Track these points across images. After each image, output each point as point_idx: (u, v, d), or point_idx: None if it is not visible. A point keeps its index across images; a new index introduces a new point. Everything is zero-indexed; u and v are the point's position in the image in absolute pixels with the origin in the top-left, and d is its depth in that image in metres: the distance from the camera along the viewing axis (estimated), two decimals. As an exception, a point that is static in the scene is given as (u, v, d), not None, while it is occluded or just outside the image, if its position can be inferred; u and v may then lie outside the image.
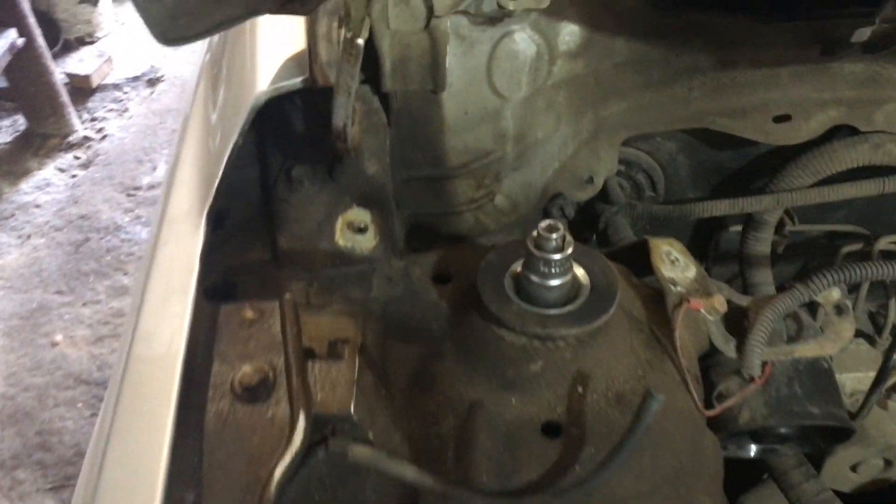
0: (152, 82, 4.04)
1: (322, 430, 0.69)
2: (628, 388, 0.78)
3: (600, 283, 0.80)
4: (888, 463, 1.19)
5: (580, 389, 0.77)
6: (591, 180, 1.14)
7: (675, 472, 0.77)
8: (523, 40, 1.00)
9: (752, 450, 1.03)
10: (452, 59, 0.96)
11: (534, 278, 0.77)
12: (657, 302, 0.89)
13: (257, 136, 0.89)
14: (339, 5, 0.83)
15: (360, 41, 0.64)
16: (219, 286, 0.80)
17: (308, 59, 0.78)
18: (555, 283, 0.77)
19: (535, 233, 0.77)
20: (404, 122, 1.00)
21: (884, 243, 1.16)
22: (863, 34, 0.93)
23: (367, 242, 0.88)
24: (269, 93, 0.75)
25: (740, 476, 1.34)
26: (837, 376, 1.04)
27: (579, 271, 0.81)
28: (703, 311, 0.86)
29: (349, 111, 0.73)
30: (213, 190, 0.78)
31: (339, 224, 0.84)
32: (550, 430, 0.75)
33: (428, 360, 0.81)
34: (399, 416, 0.76)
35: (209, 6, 0.70)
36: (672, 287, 0.86)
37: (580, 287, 0.80)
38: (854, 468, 1.20)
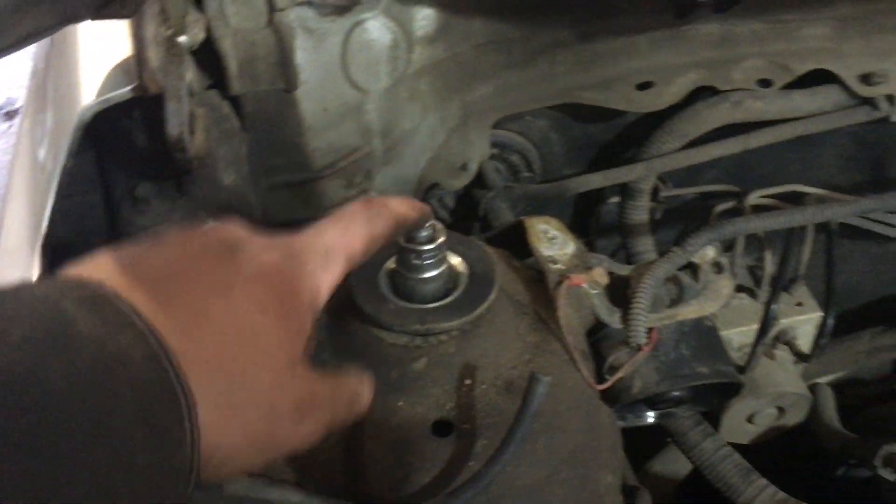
0: (10, 115, 3.78)
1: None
2: (517, 374, 0.76)
3: (478, 271, 0.78)
4: (781, 410, 1.23)
5: (468, 382, 0.74)
6: (465, 167, 1.12)
7: (571, 453, 0.75)
8: (377, 29, 0.97)
9: (650, 417, 1.03)
10: (303, 55, 0.91)
11: (408, 273, 0.74)
12: (539, 284, 0.87)
13: (96, 156, 0.82)
14: (165, 6, 0.77)
15: (182, 39, 0.59)
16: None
17: (136, 65, 0.72)
18: (430, 275, 0.74)
19: (402, 226, 0.73)
20: (260, 127, 0.95)
21: (754, 198, 1.19)
22: (710, -8, 0.94)
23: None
24: (96, 107, 0.69)
25: (647, 443, 1.36)
26: (724, 333, 1.06)
27: (455, 260, 0.78)
28: (584, 285, 0.85)
29: (184, 118, 0.67)
30: (45, 221, 0.70)
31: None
32: (441, 428, 0.72)
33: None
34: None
35: (13, 16, 0.62)
36: (551, 265, 0.85)
37: (458, 277, 0.77)
38: (750, 419, 1.23)
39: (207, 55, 0.85)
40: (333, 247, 0.56)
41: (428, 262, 0.73)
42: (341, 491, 0.69)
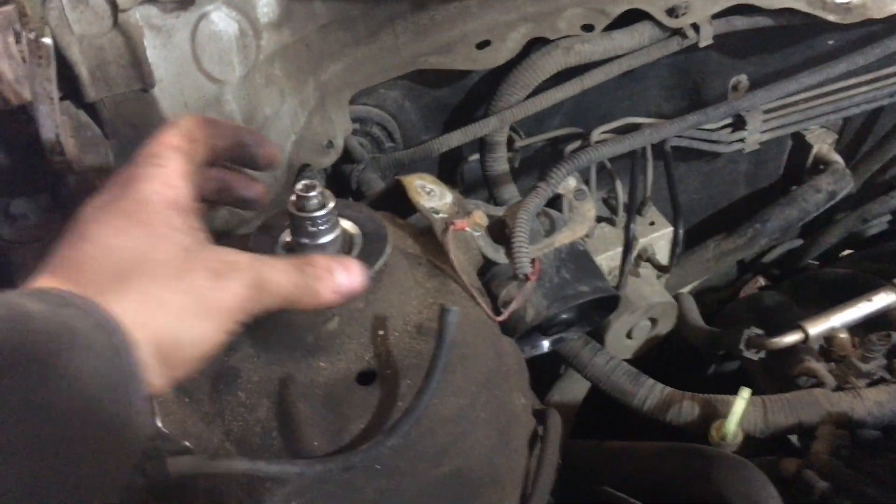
0: None
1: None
2: (424, 316, 0.81)
3: (370, 230, 0.82)
4: (654, 322, 1.35)
5: (381, 333, 0.79)
6: (330, 144, 1.15)
7: (486, 378, 0.81)
8: (221, 20, 0.98)
9: (545, 346, 1.12)
10: (154, 53, 0.92)
11: (305, 241, 0.76)
12: (426, 236, 0.93)
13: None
14: (12, 20, 0.75)
15: (47, 40, 0.59)
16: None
17: (-9, 79, 0.70)
18: (326, 239, 0.76)
19: (293, 196, 0.76)
20: (123, 131, 0.94)
21: (596, 135, 1.29)
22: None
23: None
24: (-44, 126, 0.67)
25: (545, 376, 1.45)
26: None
27: (346, 224, 0.82)
28: (468, 229, 0.91)
29: (58, 119, 0.67)
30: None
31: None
32: (365, 378, 0.76)
33: (225, 357, 0.78)
34: (212, 418, 0.73)
35: None
36: (435, 215, 0.90)
37: (352, 238, 0.81)
38: (629, 335, 1.35)
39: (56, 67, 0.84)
40: (158, 150, 0.64)
41: (323, 227, 0.76)
42: (283, 455, 0.71)
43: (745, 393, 0.99)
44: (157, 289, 0.55)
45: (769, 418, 1.05)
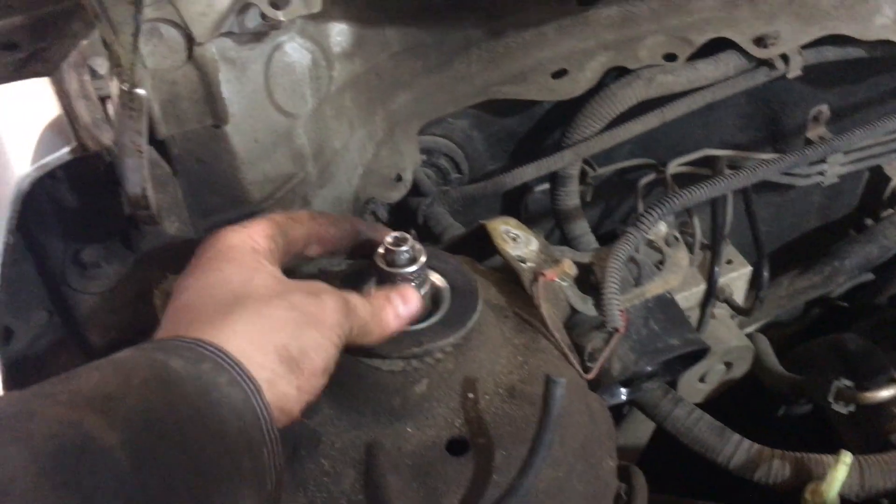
0: None
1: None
2: (515, 378, 0.76)
3: (458, 282, 0.76)
4: (728, 365, 1.28)
5: (471, 396, 0.73)
6: (399, 177, 1.10)
7: (581, 446, 0.76)
8: (295, 50, 0.93)
9: (623, 395, 1.05)
10: (227, 87, 0.87)
11: (393, 297, 0.71)
12: (509, 284, 0.87)
13: (20, 225, 0.75)
14: (86, 56, 0.71)
15: (141, 92, 0.54)
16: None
17: (68, 123, 0.66)
18: (417, 295, 0.72)
19: (381, 249, 0.71)
20: (192, 168, 0.89)
21: (673, 168, 1.24)
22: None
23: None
24: (35, 174, 0.62)
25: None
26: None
27: (434, 276, 0.77)
28: (557, 279, 0.85)
29: (146, 173, 0.62)
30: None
31: (158, 298, 0.73)
32: (456, 447, 0.71)
33: (305, 420, 0.73)
34: (295, 487, 0.68)
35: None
36: (522, 265, 0.85)
37: (439, 291, 0.76)
38: (702, 379, 1.28)
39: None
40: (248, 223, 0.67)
41: (414, 283, 0.71)
42: (371, 532, 0.66)
43: (847, 458, 0.92)
44: (267, 308, 0.58)
45: (866, 481, 0.98)
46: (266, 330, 0.57)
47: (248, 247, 0.64)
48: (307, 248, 0.71)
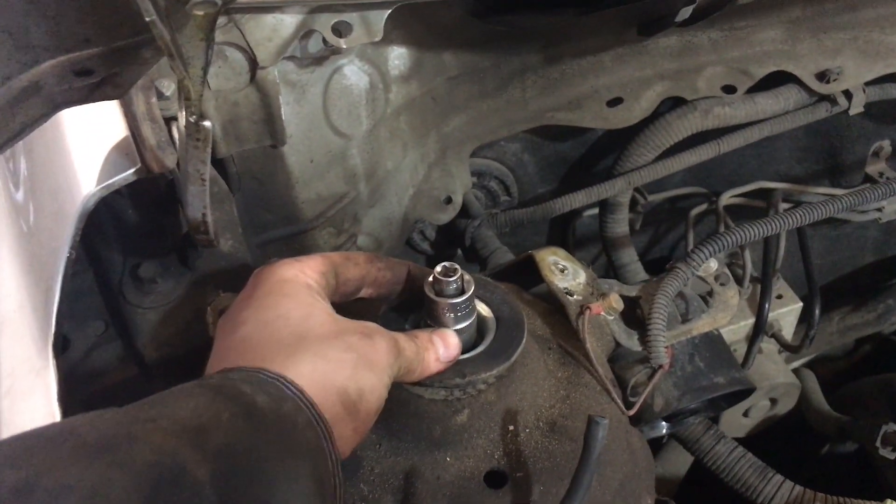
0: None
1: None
2: (556, 412, 0.76)
3: (504, 313, 0.77)
4: (773, 401, 1.26)
5: (511, 428, 0.73)
6: (449, 199, 1.11)
7: (620, 485, 0.75)
8: (354, 73, 0.95)
9: (664, 429, 1.04)
10: (287, 109, 0.89)
11: (440, 327, 0.72)
12: (554, 315, 0.87)
13: (82, 238, 0.77)
14: (153, 78, 0.73)
15: (207, 123, 0.56)
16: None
17: (134, 145, 0.68)
18: (462, 325, 0.72)
19: (430, 278, 0.72)
20: (248, 186, 0.92)
21: (726, 199, 1.22)
22: (686, 12, 0.95)
23: (245, 328, 0.79)
24: (100, 193, 0.65)
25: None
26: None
27: (479, 306, 0.77)
28: (603, 313, 0.85)
29: (207, 201, 0.64)
30: (53, 316, 0.66)
31: (211, 316, 0.75)
32: (494, 479, 0.71)
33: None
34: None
35: (9, 111, 0.59)
36: (569, 297, 0.85)
37: (485, 321, 0.76)
38: (745, 414, 1.26)
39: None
40: (302, 259, 0.67)
41: (460, 314, 0.72)
42: (408, 561, 0.67)
43: (892, 507, 0.90)
44: (328, 349, 0.59)
45: (912, 532, 0.95)
46: (328, 372, 0.58)
47: (302, 282, 0.64)
48: (361, 290, 0.72)
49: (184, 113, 0.55)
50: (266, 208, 0.94)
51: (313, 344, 0.59)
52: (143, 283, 0.76)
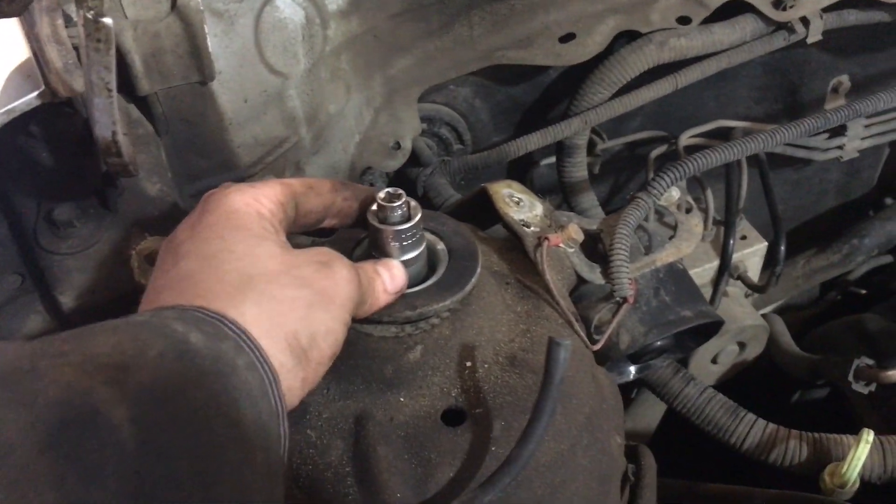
0: None
1: None
2: (516, 346, 0.71)
3: (457, 245, 0.72)
4: (742, 345, 1.23)
5: (469, 364, 0.68)
6: (398, 145, 1.05)
7: (587, 419, 0.71)
8: (287, 6, 0.89)
9: (632, 373, 1.00)
10: (214, 41, 0.82)
11: (386, 257, 0.67)
12: (512, 251, 0.82)
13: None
14: (60, 1, 0.66)
15: (107, 20, 0.49)
16: None
17: (38, 68, 0.61)
18: (410, 255, 0.67)
19: (374, 206, 0.66)
20: (177, 128, 0.85)
21: (685, 139, 1.18)
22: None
23: (174, 271, 0.72)
24: (3, 117, 0.58)
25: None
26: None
27: (430, 237, 0.72)
28: (562, 245, 0.80)
29: (115, 115, 0.58)
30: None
31: (135, 260, 0.68)
32: (452, 417, 0.66)
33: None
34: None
35: None
36: (526, 229, 0.80)
37: (437, 254, 0.71)
38: (714, 360, 1.23)
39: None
40: (257, 184, 0.60)
41: (407, 242, 0.66)
42: (359, 505, 0.61)
43: (868, 436, 0.87)
44: (275, 287, 0.53)
45: (889, 462, 0.93)
46: (275, 314, 0.52)
47: (253, 211, 0.58)
48: (323, 221, 0.66)
49: (81, 11, 0.48)
50: (199, 153, 0.87)
51: (260, 282, 0.53)
52: (59, 228, 0.69)
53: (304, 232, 0.65)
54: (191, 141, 0.86)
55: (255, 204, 0.58)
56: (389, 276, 0.64)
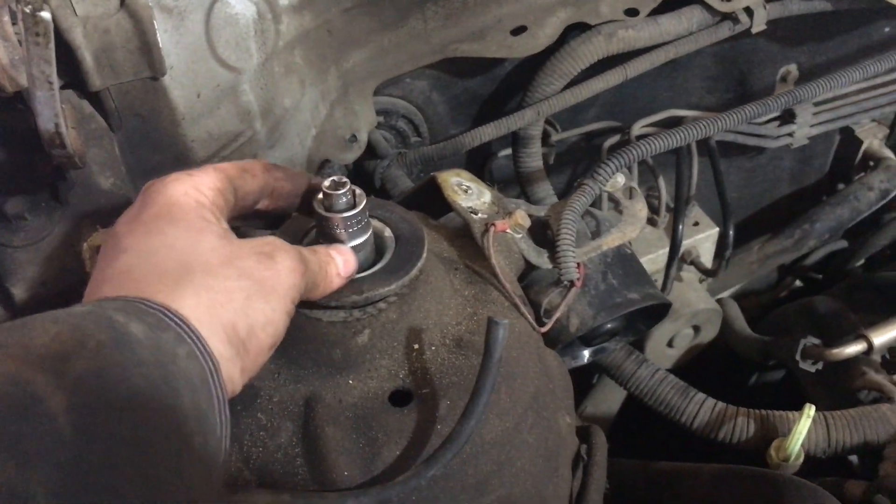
0: None
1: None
2: (463, 328, 0.73)
3: (403, 232, 0.74)
4: (697, 329, 1.26)
5: (416, 346, 0.71)
6: (354, 138, 1.07)
7: (533, 398, 0.73)
8: (239, 2, 0.90)
9: (586, 356, 1.03)
10: (165, 37, 0.83)
11: (333, 244, 0.68)
12: (462, 238, 0.84)
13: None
14: (6, 1, 0.67)
15: (45, 14, 0.51)
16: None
17: (-17, 63, 0.63)
18: (356, 242, 0.69)
19: (320, 195, 0.68)
20: (131, 123, 0.86)
21: (637, 129, 1.21)
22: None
23: (125, 262, 0.74)
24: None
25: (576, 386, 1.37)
26: (636, 262, 1.07)
27: (377, 225, 0.74)
28: (509, 231, 0.83)
29: (58, 108, 0.59)
30: None
31: (86, 252, 0.70)
32: (400, 398, 0.68)
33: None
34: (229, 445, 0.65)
35: None
36: (473, 215, 0.82)
37: (384, 240, 0.73)
38: (670, 344, 1.26)
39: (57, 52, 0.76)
40: (195, 172, 0.61)
41: (353, 229, 0.68)
42: (309, 485, 0.63)
43: (810, 410, 0.90)
44: (215, 279, 0.54)
45: (833, 436, 0.96)
46: (214, 305, 0.53)
47: (192, 201, 0.58)
48: (258, 202, 0.67)
49: (20, 6, 0.50)
50: (153, 148, 0.88)
51: (200, 273, 0.53)
52: (11, 221, 0.70)
53: (242, 215, 0.66)
54: (145, 136, 0.87)
55: (195, 193, 0.58)
56: (343, 261, 0.66)
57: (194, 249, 0.55)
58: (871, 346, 1.05)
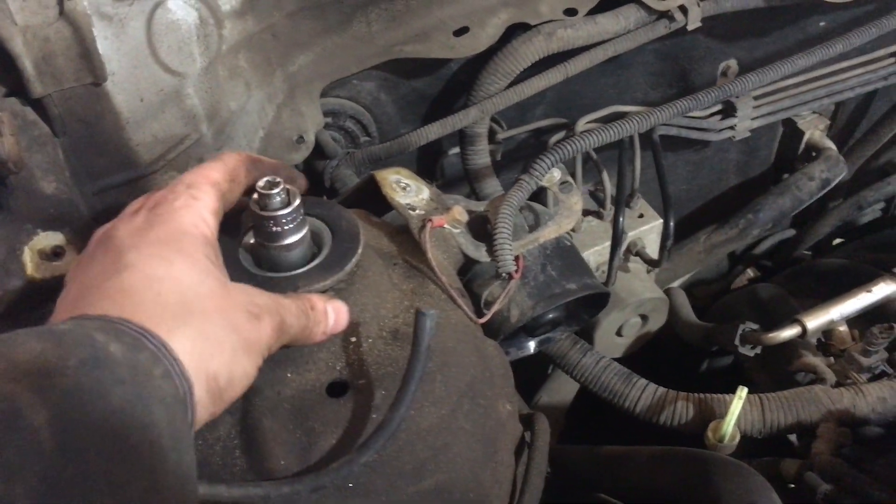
0: None
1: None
2: (400, 321, 0.76)
3: (340, 228, 0.76)
4: (644, 318, 1.30)
5: (353, 339, 0.73)
6: (301, 139, 1.09)
7: (468, 386, 0.76)
8: (179, 7, 0.91)
9: (531, 347, 1.06)
10: (105, 44, 0.85)
11: (269, 242, 0.71)
12: (402, 234, 0.87)
13: None
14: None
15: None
16: None
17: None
18: (292, 239, 0.71)
19: (254, 195, 0.70)
20: (75, 129, 0.87)
21: (582, 125, 1.24)
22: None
23: (67, 265, 0.76)
24: None
25: (532, 377, 1.40)
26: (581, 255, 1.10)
27: (315, 223, 0.76)
28: (446, 226, 0.85)
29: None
30: None
31: (28, 256, 0.71)
32: (336, 389, 0.70)
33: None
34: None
35: None
36: (411, 212, 0.85)
37: (321, 238, 0.76)
38: (619, 333, 1.29)
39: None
40: (197, 181, 0.66)
41: (288, 227, 0.70)
42: (247, 475, 0.65)
43: (742, 392, 0.94)
44: (211, 327, 0.57)
45: (768, 417, 1.00)
46: (205, 353, 0.56)
47: (200, 235, 0.62)
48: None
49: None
50: (98, 152, 0.90)
51: (197, 318, 0.57)
52: (-51, 228, 0.72)
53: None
54: (89, 140, 0.88)
55: (203, 227, 0.62)
56: (335, 320, 0.69)
57: (196, 291, 0.58)
58: (805, 329, 1.09)
